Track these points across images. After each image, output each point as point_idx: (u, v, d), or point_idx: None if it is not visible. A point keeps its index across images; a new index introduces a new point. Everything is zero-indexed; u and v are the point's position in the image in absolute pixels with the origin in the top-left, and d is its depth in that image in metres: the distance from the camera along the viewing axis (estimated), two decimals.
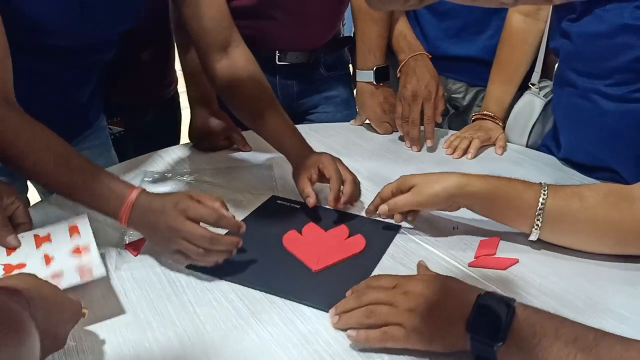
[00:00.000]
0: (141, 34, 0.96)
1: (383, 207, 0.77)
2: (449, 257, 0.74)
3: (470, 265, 0.72)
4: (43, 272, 0.63)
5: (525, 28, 1.09)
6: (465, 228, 0.79)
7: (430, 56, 1.13)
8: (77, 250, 0.66)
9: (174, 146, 1.10)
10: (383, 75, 1.13)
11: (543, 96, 1.09)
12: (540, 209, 0.71)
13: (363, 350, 0.58)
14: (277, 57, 1.19)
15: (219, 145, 1.06)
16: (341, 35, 1.29)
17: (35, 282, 0.53)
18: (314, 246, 0.75)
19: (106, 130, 1.13)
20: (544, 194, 0.71)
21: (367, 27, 1.12)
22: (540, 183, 0.72)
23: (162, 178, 0.95)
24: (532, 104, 1.10)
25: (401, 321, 0.57)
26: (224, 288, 0.68)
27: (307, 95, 1.25)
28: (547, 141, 1.08)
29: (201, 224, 0.67)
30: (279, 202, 0.87)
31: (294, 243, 0.76)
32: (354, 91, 1.31)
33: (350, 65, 1.35)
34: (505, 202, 0.73)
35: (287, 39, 1.17)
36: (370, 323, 0.58)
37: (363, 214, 0.83)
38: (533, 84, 1.11)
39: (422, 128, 1.09)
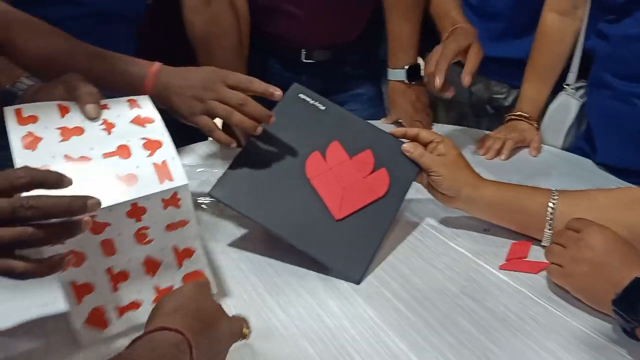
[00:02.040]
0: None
1: (410, 148, 0.76)
2: (480, 259, 0.73)
3: (501, 268, 0.71)
4: (106, 144, 0.57)
5: (561, 27, 1.06)
6: (497, 231, 0.78)
7: (476, 29, 1.04)
8: (138, 120, 0.60)
9: (206, 140, 1.11)
10: (415, 74, 1.12)
11: (579, 97, 1.07)
12: (550, 212, 0.71)
13: (389, 348, 0.58)
14: (303, 55, 1.19)
15: None
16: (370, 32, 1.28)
17: (197, 309, 0.48)
18: (338, 182, 0.74)
19: None
20: (554, 198, 0.71)
21: (398, 26, 1.11)
22: (551, 189, 0.73)
23: (193, 171, 0.96)
24: (567, 105, 1.08)
25: (563, 264, 0.64)
26: (254, 281, 0.69)
27: (334, 93, 1.25)
28: (581, 143, 1.06)
29: None
30: (302, 96, 0.80)
31: (318, 174, 0.74)
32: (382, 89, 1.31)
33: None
34: (515, 208, 0.73)
35: (311, 36, 1.17)
36: (547, 258, 0.67)
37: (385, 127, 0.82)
38: (568, 85, 1.08)
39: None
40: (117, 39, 0.93)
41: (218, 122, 0.76)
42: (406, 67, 1.11)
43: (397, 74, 1.13)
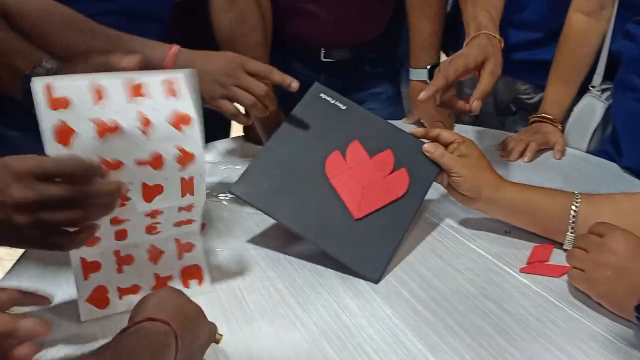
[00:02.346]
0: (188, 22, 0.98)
1: (431, 148, 0.76)
2: (500, 261, 0.73)
3: (521, 271, 0.71)
4: (141, 150, 0.56)
5: (587, 28, 1.04)
6: (518, 233, 0.77)
7: (501, 40, 0.96)
8: (175, 119, 0.57)
9: (227, 138, 1.12)
10: None
11: (605, 99, 1.05)
12: (573, 216, 0.70)
13: (407, 347, 0.58)
14: (322, 54, 1.19)
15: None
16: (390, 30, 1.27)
17: (180, 306, 0.51)
18: (357, 182, 0.74)
19: None
20: (577, 201, 0.70)
21: (420, 25, 1.10)
22: (574, 192, 0.72)
23: (215, 167, 0.97)
24: (592, 107, 1.06)
25: (585, 268, 0.64)
26: (272, 277, 0.69)
27: (353, 92, 1.24)
28: (606, 146, 1.04)
29: None
30: (323, 96, 0.81)
31: (338, 173, 0.75)
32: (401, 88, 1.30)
33: None
34: (537, 210, 0.73)
35: (331, 36, 1.17)
36: (569, 262, 0.66)
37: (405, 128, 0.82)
38: (593, 87, 1.07)
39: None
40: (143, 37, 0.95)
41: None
42: (427, 66, 1.10)
43: (418, 74, 1.12)
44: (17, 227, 0.47)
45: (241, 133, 1.13)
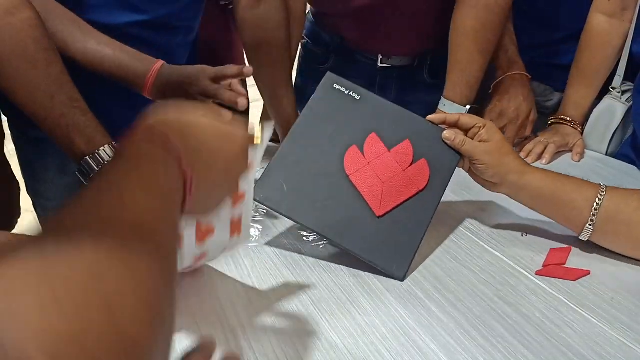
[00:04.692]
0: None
1: (451, 135, 0.74)
2: (516, 263, 0.72)
3: (537, 273, 0.70)
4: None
5: (609, 29, 1.03)
6: (535, 235, 0.77)
7: (530, 77, 1.06)
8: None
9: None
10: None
11: (625, 101, 1.03)
12: (595, 208, 0.68)
13: (419, 348, 0.58)
14: (379, 59, 1.15)
15: None
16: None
17: (188, 121, 0.41)
18: (377, 177, 0.73)
19: None
20: (601, 192, 0.69)
21: (471, 57, 1.00)
22: (600, 184, 0.70)
23: None
24: (613, 109, 1.05)
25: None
26: (287, 274, 0.70)
27: (404, 101, 1.20)
28: (627, 149, 1.03)
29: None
30: (336, 86, 0.78)
31: (357, 170, 0.73)
32: None
33: None
34: (561, 199, 0.71)
35: (387, 43, 1.14)
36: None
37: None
38: (614, 88, 1.05)
39: None
40: (171, 48, 0.96)
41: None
42: (468, 106, 1.01)
43: (456, 109, 1.01)
44: None
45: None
